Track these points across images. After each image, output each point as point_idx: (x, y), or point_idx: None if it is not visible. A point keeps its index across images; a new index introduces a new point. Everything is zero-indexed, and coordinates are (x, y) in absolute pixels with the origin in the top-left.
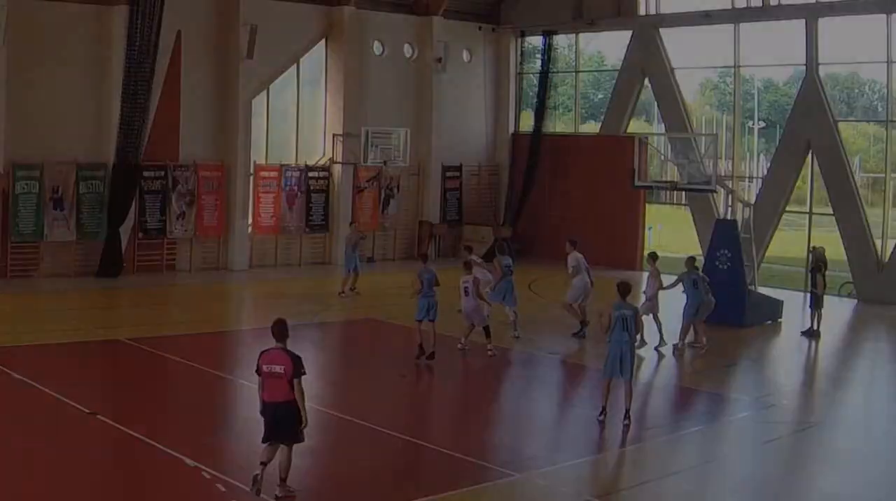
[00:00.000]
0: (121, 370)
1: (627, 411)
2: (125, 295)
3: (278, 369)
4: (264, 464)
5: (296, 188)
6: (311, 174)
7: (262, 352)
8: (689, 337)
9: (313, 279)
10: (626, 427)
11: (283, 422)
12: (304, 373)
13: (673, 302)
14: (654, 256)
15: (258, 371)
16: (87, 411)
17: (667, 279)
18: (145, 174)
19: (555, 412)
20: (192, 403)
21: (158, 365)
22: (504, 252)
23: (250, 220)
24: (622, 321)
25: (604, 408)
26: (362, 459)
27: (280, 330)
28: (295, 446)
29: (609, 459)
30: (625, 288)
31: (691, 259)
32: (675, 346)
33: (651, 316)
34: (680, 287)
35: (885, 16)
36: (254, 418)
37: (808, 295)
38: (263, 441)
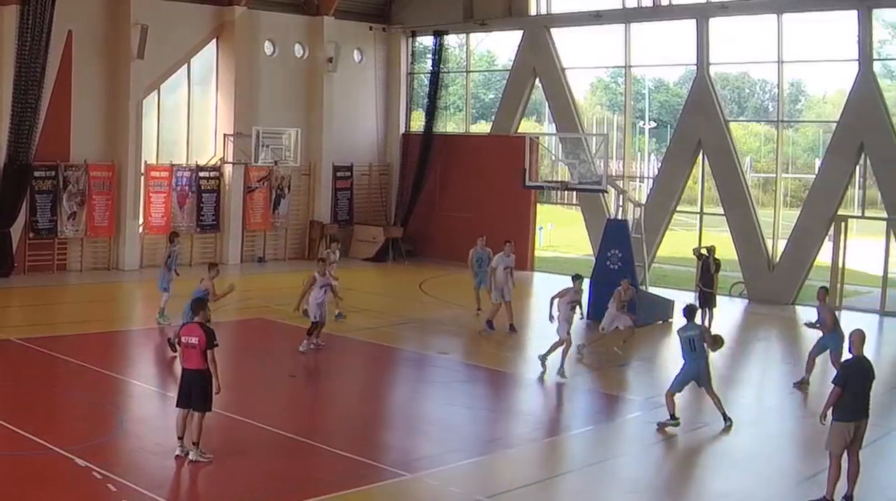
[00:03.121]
0: (12, 370)
1: (724, 414)
2: (16, 294)
3: (193, 340)
4: (181, 438)
5: (187, 188)
6: (202, 174)
7: (181, 326)
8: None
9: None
10: (728, 428)
11: (194, 388)
12: (217, 345)
13: None
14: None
15: (178, 343)
16: None
17: None
18: (36, 174)
19: (446, 412)
20: (84, 403)
21: (50, 365)
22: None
23: (141, 220)
24: (689, 342)
25: (672, 415)
26: (252, 459)
27: (196, 306)
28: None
29: (500, 459)
30: (690, 311)
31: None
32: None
33: None
34: None
35: (775, 16)
36: (145, 418)
37: (698, 294)
38: (176, 406)
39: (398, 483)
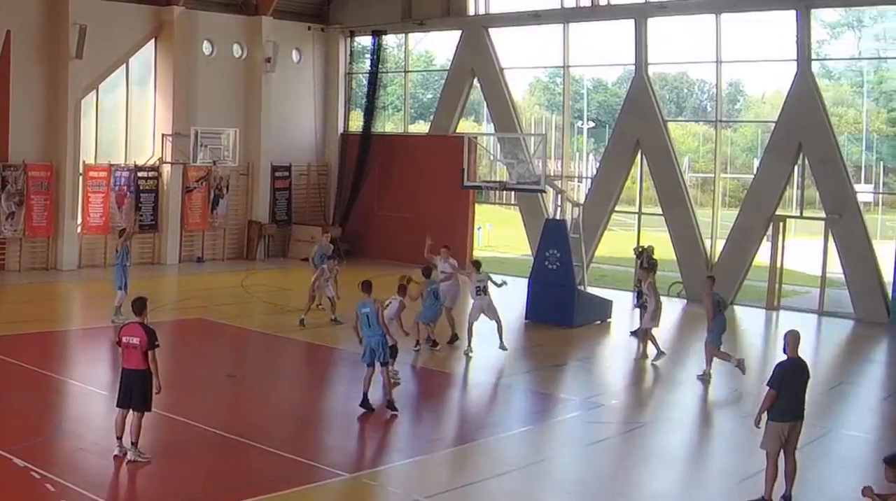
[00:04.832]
0: None
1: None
2: None
3: (134, 341)
4: (119, 438)
5: (125, 188)
6: (140, 174)
7: (122, 326)
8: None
9: (143, 278)
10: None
11: (134, 388)
12: (158, 345)
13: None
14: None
15: (118, 342)
16: None
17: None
18: None
19: (385, 412)
20: (22, 403)
21: None
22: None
23: (79, 220)
24: (366, 318)
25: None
26: (191, 459)
27: (138, 306)
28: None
29: (439, 459)
30: (366, 286)
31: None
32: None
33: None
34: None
35: (713, 16)
36: (83, 418)
37: (635, 294)
38: (117, 406)
39: (337, 482)
